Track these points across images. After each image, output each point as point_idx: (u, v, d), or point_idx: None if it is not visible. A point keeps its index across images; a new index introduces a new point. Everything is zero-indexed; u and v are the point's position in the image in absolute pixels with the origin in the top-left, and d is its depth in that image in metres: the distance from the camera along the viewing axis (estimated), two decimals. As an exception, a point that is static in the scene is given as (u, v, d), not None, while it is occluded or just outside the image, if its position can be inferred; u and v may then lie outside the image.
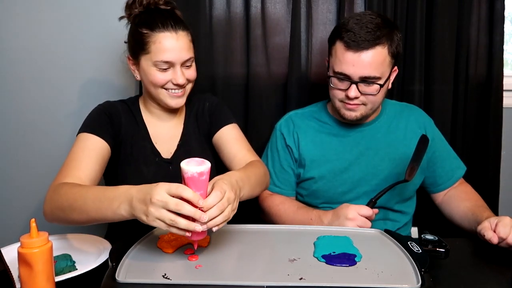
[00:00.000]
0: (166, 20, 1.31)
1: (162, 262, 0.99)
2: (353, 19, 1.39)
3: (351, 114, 1.43)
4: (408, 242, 1.06)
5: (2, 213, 1.87)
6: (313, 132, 1.55)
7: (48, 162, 1.82)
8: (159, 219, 0.91)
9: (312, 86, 1.85)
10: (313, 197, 1.53)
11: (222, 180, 1.01)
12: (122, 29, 1.41)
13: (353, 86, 1.37)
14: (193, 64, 1.38)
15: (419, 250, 1.02)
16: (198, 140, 1.47)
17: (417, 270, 0.93)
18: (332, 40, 1.43)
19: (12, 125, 1.83)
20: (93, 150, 1.27)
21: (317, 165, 1.51)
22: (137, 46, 1.33)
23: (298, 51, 1.80)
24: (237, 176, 1.09)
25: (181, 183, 1.00)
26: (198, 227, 0.92)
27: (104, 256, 1.05)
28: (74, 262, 1.06)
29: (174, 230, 0.92)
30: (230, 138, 1.44)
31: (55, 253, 0.90)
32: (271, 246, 1.09)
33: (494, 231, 1.18)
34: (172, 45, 1.29)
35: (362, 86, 1.38)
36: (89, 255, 1.10)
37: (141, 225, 1.05)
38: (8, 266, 0.78)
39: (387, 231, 1.17)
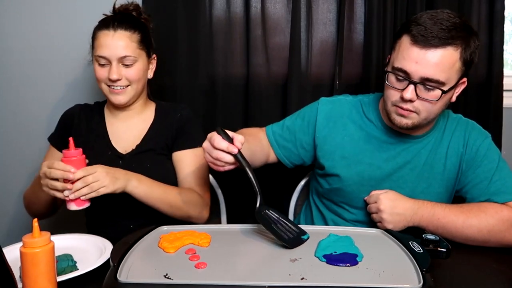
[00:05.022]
0: (112, 20, 1.41)
1: (163, 262, 0.98)
2: (428, 14, 1.23)
3: (402, 121, 1.27)
4: (409, 242, 1.06)
5: (4, 212, 1.87)
6: (355, 127, 1.41)
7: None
8: (46, 186, 1.22)
9: (312, 86, 1.85)
10: (334, 194, 1.43)
11: (100, 165, 1.26)
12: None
13: (411, 86, 1.20)
14: (136, 65, 1.42)
15: (420, 250, 1.02)
16: (159, 146, 1.48)
17: (419, 270, 0.93)
18: (398, 34, 1.26)
19: (12, 124, 1.82)
20: (51, 159, 1.43)
21: (347, 164, 1.38)
22: (92, 45, 1.46)
23: (298, 51, 1.80)
24: (131, 174, 1.32)
25: None
26: (66, 192, 1.20)
27: (106, 256, 1.04)
28: (75, 262, 1.06)
29: (57, 194, 1.22)
30: (186, 165, 1.47)
31: (56, 253, 0.89)
32: (272, 246, 1.09)
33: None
34: (106, 42, 1.39)
35: (421, 90, 1.21)
36: (90, 255, 1.10)
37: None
38: (10, 266, 0.78)
39: (388, 231, 1.17)
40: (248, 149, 1.25)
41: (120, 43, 1.39)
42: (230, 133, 1.15)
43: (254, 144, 1.38)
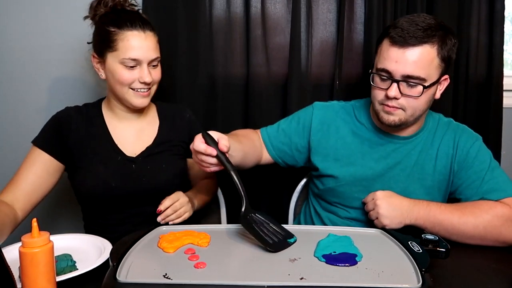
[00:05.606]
0: (134, 19, 1.35)
1: (162, 262, 0.99)
2: (405, 18, 1.31)
3: (389, 118, 1.32)
4: (409, 242, 1.06)
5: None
6: (347, 130, 1.46)
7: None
8: None
9: (312, 86, 1.85)
10: (328, 194, 1.47)
11: (179, 191, 1.36)
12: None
13: (394, 84, 1.27)
14: (159, 65, 1.42)
15: (419, 250, 1.02)
16: (173, 147, 1.49)
17: (418, 269, 0.93)
18: (379, 40, 1.35)
19: (12, 123, 1.83)
20: (38, 165, 1.36)
21: (340, 165, 1.43)
22: (103, 44, 1.35)
23: (298, 51, 1.80)
24: (189, 194, 1.42)
25: (142, 179, 1.39)
26: (159, 218, 1.31)
27: (105, 256, 1.04)
28: (74, 262, 1.06)
29: None
30: None
31: (55, 253, 0.89)
32: (271, 246, 1.09)
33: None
34: (139, 43, 1.33)
35: (404, 87, 1.28)
36: (90, 255, 1.10)
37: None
38: (9, 266, 0.78)
39: (387, 231, 1.17)
40: (240, 150, 1.31)
41: (151, 44, 1.36)
42: (215, 135, 1.16)
43: (247, 145, 1.40)
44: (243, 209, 1.13)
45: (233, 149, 1.21)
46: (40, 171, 1.36)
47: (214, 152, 1.13)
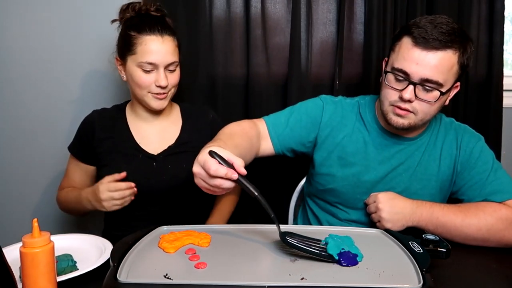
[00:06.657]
0: (154, 24, 1.39)
1: (163, 262, 0.98)
2: (426, 18, 1.26)
3: (398, 121, 1.29)
4: (409, 242, 1.06)
5: (4, 212, 1.87)
6: (352, 129, 1.43)
7: (49, 162, 1.82)
8: (114, 205, 1.31)
9: (312, 86, 1.85)
10: (328, 194, 1.44)
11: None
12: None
13: (410, 87, 1.23)
14: (177, 69, 1.45)
15: (420, 250, 1.02)
16: (196, 148, 1.48)
17: (418, 270, 0.93)
18: (397, 37, 1.29)
19: (13, 124, 1.83)
20: (76, 170, 1.54)
21: (343, 164, 1.40)
22: (125, 47, 1.40)
23: (298, 51, 1.80)
24: (214, 220, 1.55)
25: (162, 177, 1.42)
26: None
27: (105, 256, 1.05)
28: (75, 262, 1.06)
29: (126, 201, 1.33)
30: None
31: (56, 253, 0.89)
32: (272, 246, 1.09)
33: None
34: (157, 48, 1.37)
35: (420, 90, 1.24)
36: (90, 255, 1.10)
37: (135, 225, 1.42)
38: (9, 266, 0.78)
39: (388, 231, 1.17)
40: (239, 154, 1.17)
41: (168, 49, 1.39)
42: (225, 154, 1.02)
43: (246, 147, 1.30)
44: (280, 231, 1.03)
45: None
46: (81, 174, 1.53)
47: (235, 175, 0.99)
